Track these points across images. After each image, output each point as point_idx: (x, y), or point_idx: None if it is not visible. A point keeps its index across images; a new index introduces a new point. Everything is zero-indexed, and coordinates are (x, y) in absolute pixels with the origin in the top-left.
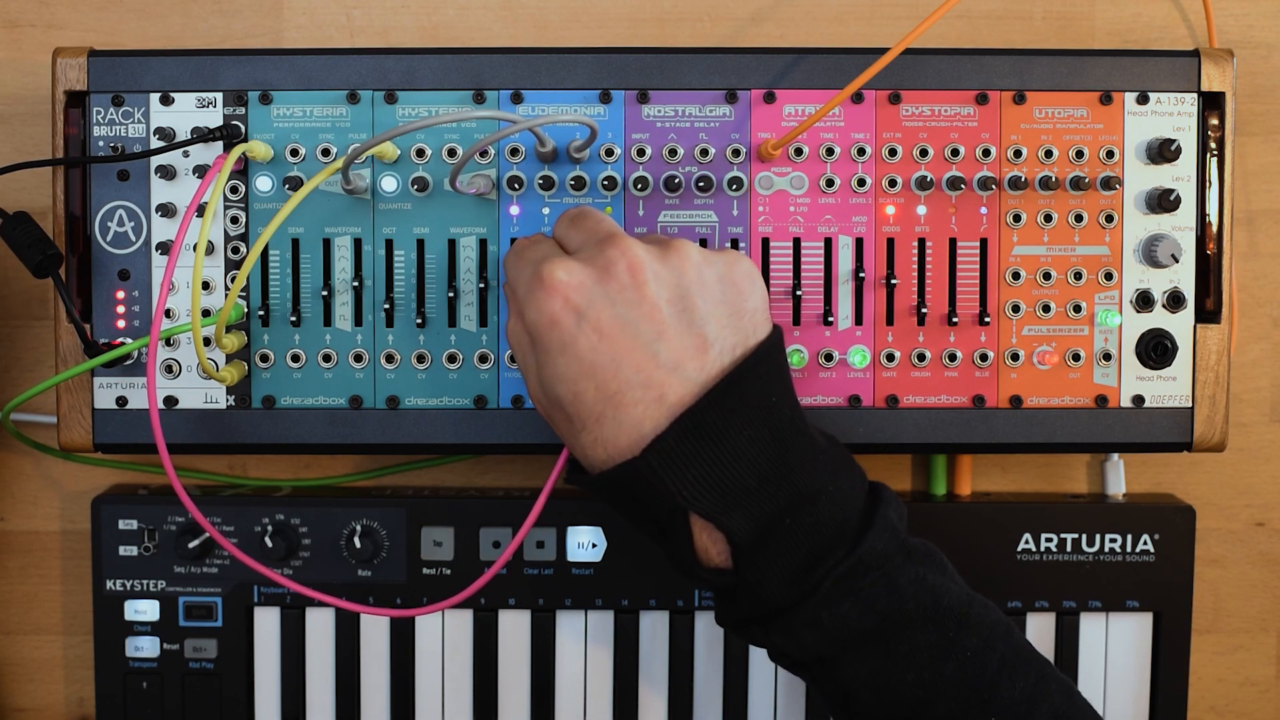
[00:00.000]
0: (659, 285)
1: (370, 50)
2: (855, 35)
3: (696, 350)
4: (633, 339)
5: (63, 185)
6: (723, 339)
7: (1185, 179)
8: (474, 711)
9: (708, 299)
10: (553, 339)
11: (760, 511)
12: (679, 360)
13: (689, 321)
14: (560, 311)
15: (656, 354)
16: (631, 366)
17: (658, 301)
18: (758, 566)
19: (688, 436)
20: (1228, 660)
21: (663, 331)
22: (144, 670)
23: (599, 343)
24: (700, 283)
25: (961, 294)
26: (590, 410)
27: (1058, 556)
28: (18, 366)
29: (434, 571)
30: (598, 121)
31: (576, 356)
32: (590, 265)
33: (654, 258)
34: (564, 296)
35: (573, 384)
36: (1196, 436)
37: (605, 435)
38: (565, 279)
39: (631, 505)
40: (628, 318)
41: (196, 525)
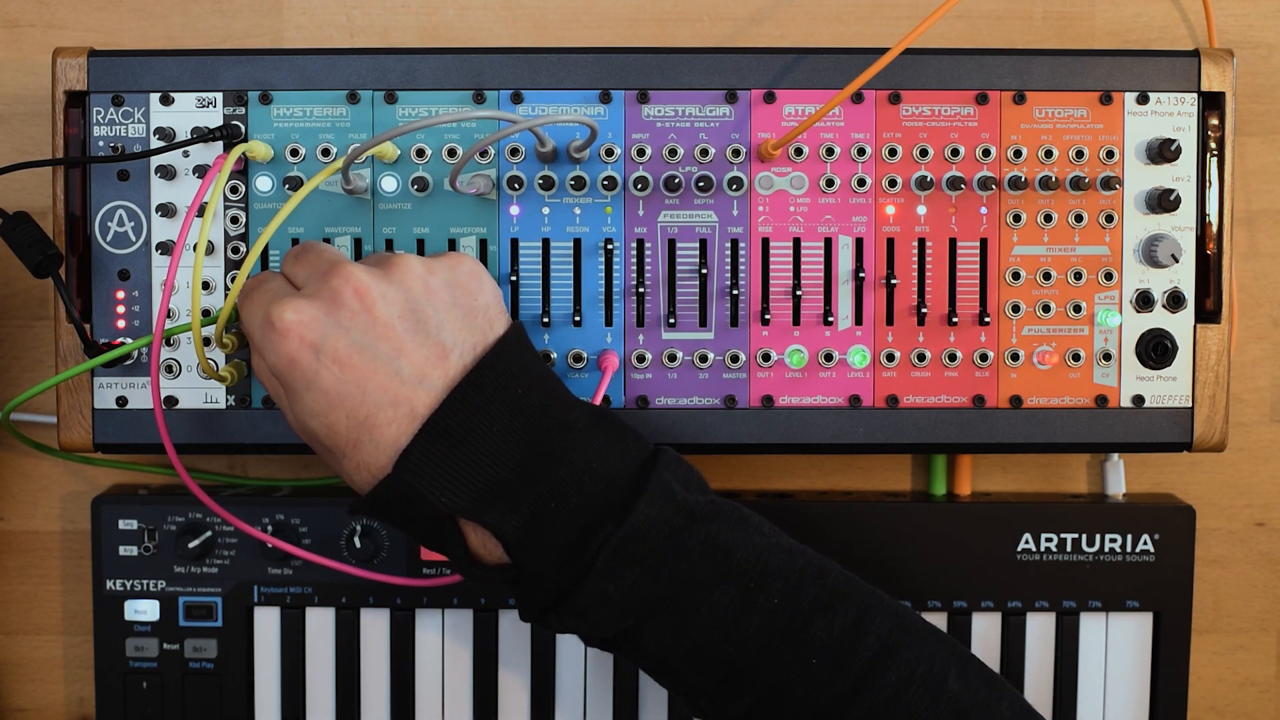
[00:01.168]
0: (388, 304)
1: (370, 50)
2: (855, 35)
3: (437, 359)
4: (373, 362)
5: (63, 185)
6: (460, 341)
7: (1185, 179)
8: (474, 711)
9: (438, 306)
10: (296, 378)
11: (521, 502)
12: (422, 372)
13: (424, 332)
14: (296, 350)
15: (399, 371)
16: (377, 389)
17: (390, 320)
18: (532, 555)
19: (434, 443)
20: (1228, 660)
21: (401, 348)
22: (144, 670)
23: (341, 373)
24: (428, 292)
25: (961, 294)
26: (346, 439)
27: (1058, 556)
28: (18, 366)
29: (434, 571)
30: (598, 121)
31: (322, 391)
32: (317, 299)
33: (378, 278)
34: (298, 336)
35: (324, 417)
36: (1196, 436)
37: (365, 459)
38: (295, 318)
39: (403, 520)
40: (364, 342)
41: (196, 525)
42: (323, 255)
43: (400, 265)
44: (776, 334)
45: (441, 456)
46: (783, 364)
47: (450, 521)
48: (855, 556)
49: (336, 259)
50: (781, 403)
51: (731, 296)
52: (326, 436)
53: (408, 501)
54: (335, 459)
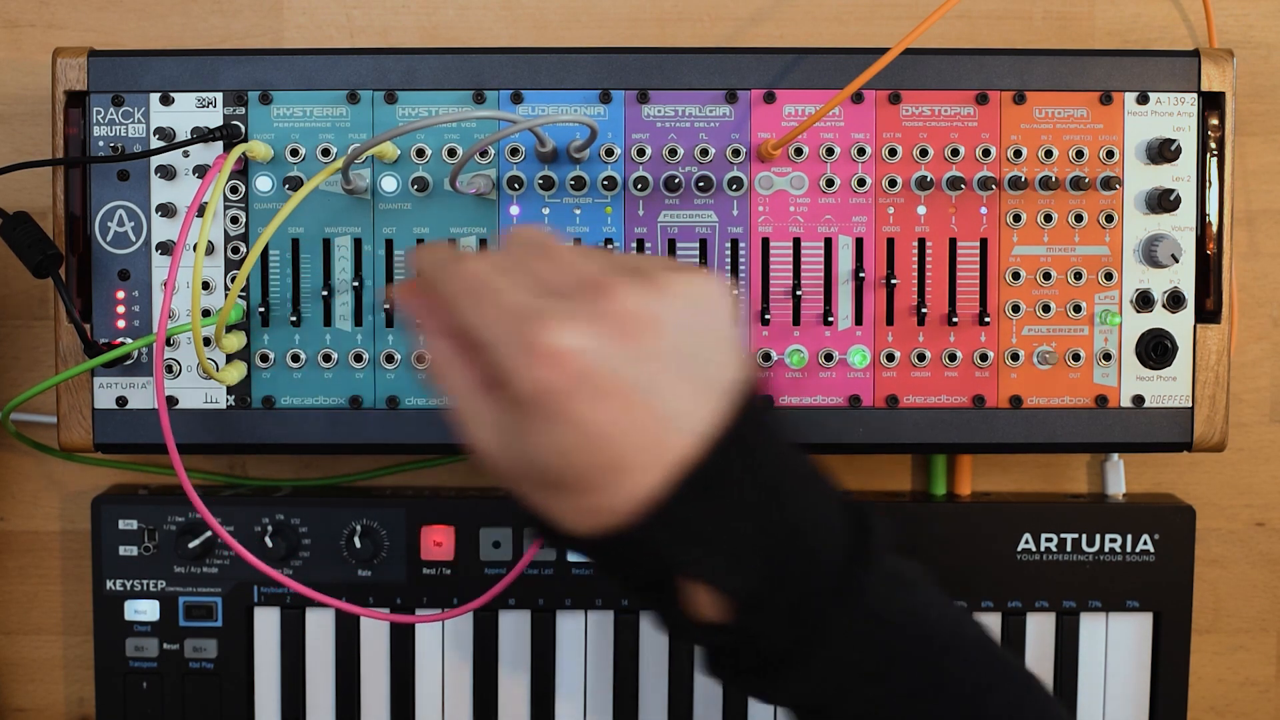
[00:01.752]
0: (658, 334)
1: (370, 50)
2: (855, 35)
3: (699, 399)
4: (638, 400)
5: (63, 185)
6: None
7: (1185, 179)
8: (474, 711)
9: (703, 339)
10: (549, 409)
11: (756, 561)
12: (684, 412)
13: (689, 368)
14: (560, 380)
15: (662, 412)
16: (637, 429)
17: (662, 353)
18: (756, 617)
19: (688, 497)
20: (1228, 660)
21: (667, 385)
22: (144, 670)
23: (604, 411)
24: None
25: (961, 294)
26: (588, 480)
27: (1058, 556)
28: (18, 366)
29: (434, 571)
30: (598, 121)
31: (576, 426)
32: (592, 323)
33: (652, 301)
34: (565, 365)
35: (569, 455)
36: (1196, 436)
37: (602, 503)
38: (569, 344)
39: (622, 566)
40: (634, 377)
41: (196, 525)
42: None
43: (668, 287)
44: (776, 334)
45: (692, 512)
46: (783, 364)
47: (673, 578)
48: None
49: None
50: (781, 403)
51: None
52: (562, 473)
53: (642, 553)
54: (558, 495)
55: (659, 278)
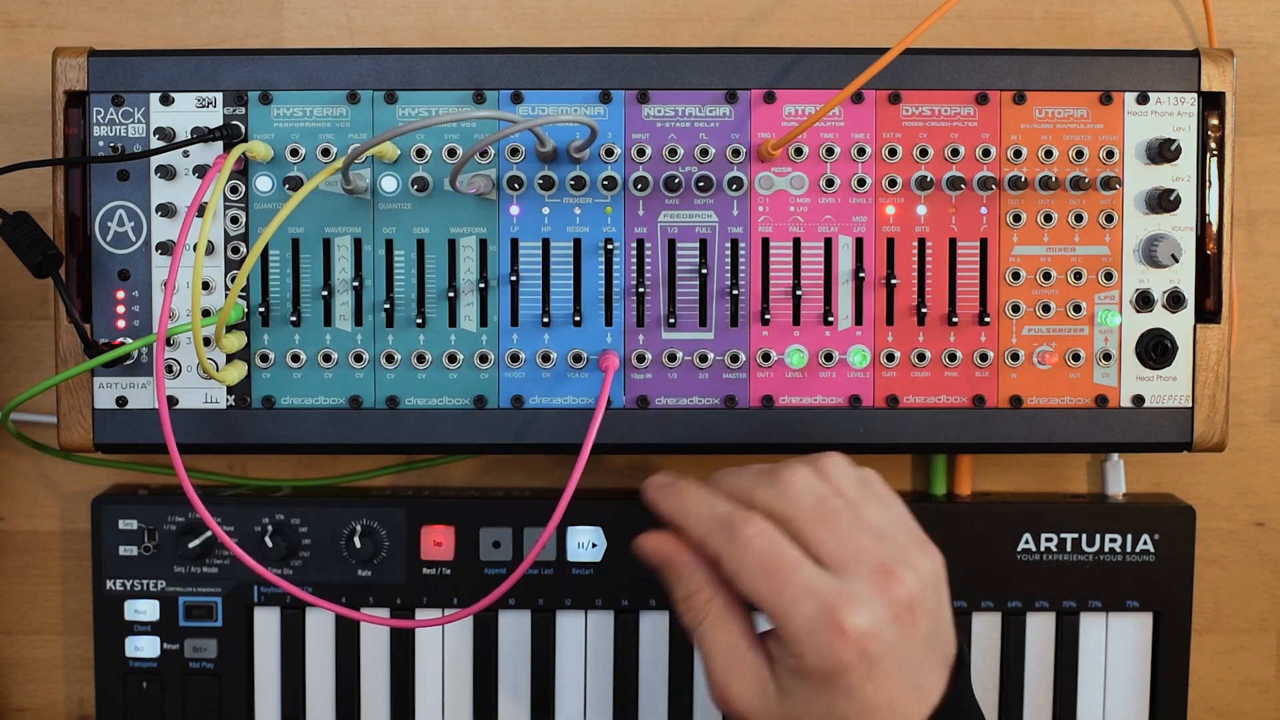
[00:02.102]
0: (925, 616)
1: (370, 50)
2: (855, 35)
3: (933, 669)
4: (905, 680)
5: (63, 185)
6: (944, 648)
7: (1185, 179)
8: (474, 712)
9: (936, 615)
10: (840, 684)
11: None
12: (929, 689)
13: (931, 643)
14: (856, 660)
15: (918, 688)
16: (902, 704)
17: (923, 635)
18: None
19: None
20: (1228, 660)
21: (923, 665)
22: (144, 670)
23: (884, 686)
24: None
25: (961, 294)
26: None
27: (1058, 556)
28: (18, 366)
29: (434, 571)
30: (598, 121)
31: (861, 701)
32: (885, 608)
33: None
34: (863, 647)
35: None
36: (1196, 436)
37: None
38: (868, 629)
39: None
40: (904, 658)
41: (196, 525)
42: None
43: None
44: (776, 334)
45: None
46: (783, 364)
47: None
48: None
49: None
50: (781, 403)
51: (731, 296)
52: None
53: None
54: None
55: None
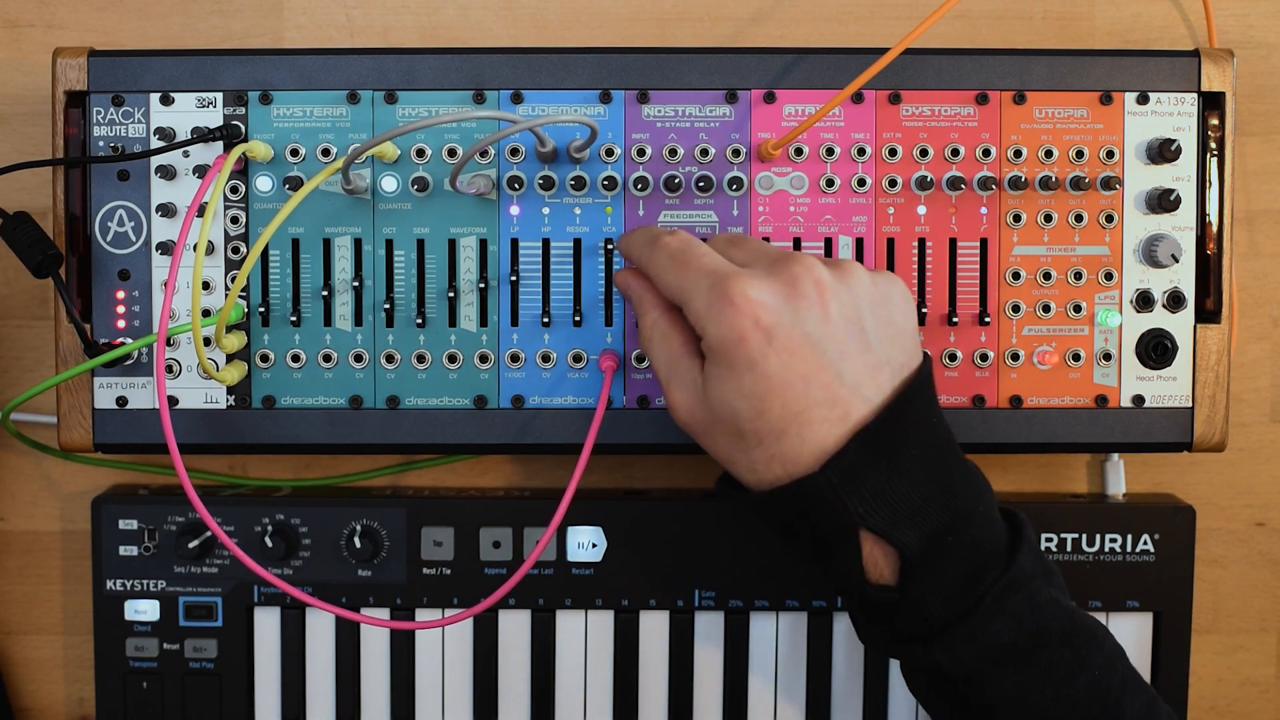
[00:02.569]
0: (840, 305)
1: (370, 50)
2: (855, 35)
3: (873, 370)
4: (820, 358)
5: (63, 185)
6: (893, 360)
7: (1185, 179)
8: (474, 712)
9: (879, 320)
10: (740, 355)
11: (927, 528)
12: (859, 380)
13: (866, 342)
14: (750, 329)
15: (841, 374)
16: (819, 385)
17: (841, 321)
18: (923, 583)
19: (865, 454)
20: (1228, 660)
21: (845, 351)
22: (144, 670)
23: (789, 361)
24: (873, 303)
25: (961, 294)
26: (772, 427)
27: (1058, 556)
28: (18, 366)
29: (434, 571)
30: (598, 121)
31: (765, 374)
32: (777, 281)
33: (833, 275)
34: (753, 315)
35: (759, 400)
36: (1196, 436)
37: (786, 451)
38: (755, 297)
39: (798, 521)
40: (816, 336)
41: (196, 525)
42: (767, 246)
43: (851, 270)
44: None
45: (869, 468)
46: None
47: (853, 532)
48: None
49: (787, 249)
50: None
51: None
52: (751, 420)
53: (823, 504)
54: (744, 445)
55: (839, 262)
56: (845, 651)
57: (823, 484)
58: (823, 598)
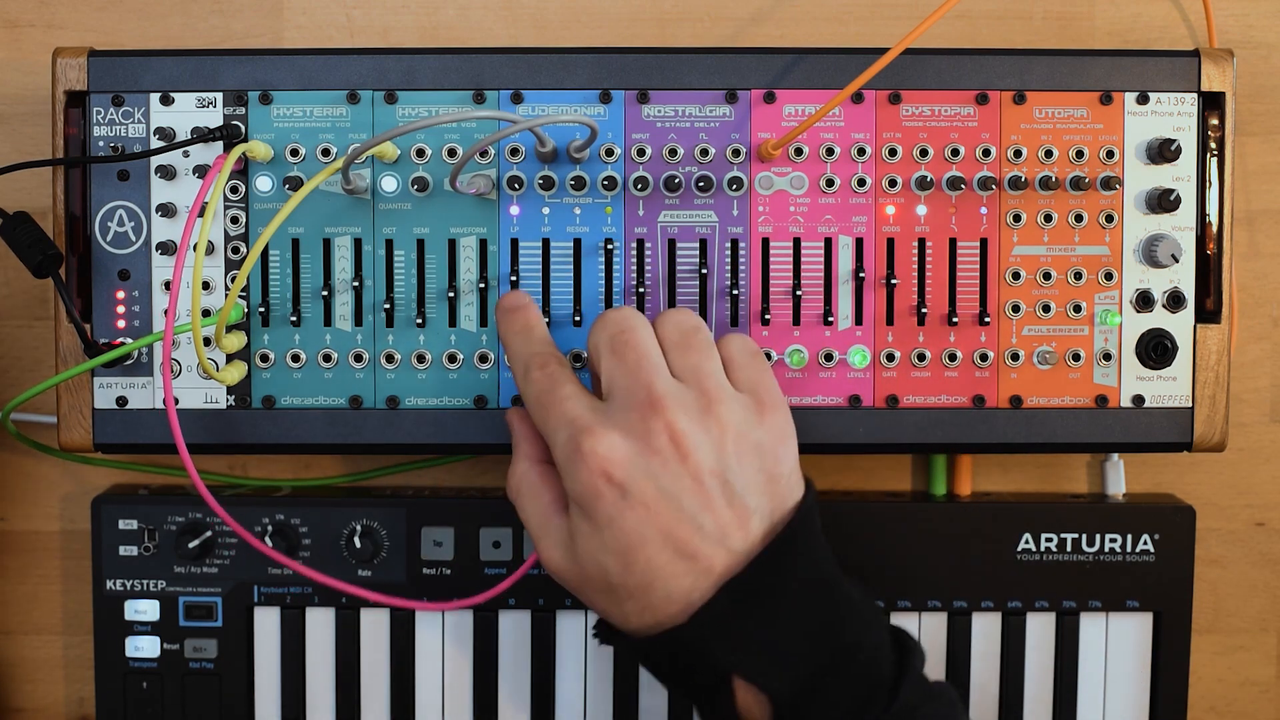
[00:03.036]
0: (701, 456)
1: (370, 50)
2: (855, 35)
3: (739, 521)
4: (678, 513)
5: (63, 185)
6: (761, 507)
7: (1185, 179)
8: (474, 711)
9: (746, 469)
10: (598, 511)
11: (805, 670)
12: (723, 532)
13: (731, 493)
14: (603, 486)
15: (701, 526)
16: (678, 539)
17: (700, 474)
18: None
19: (737, 604)
20: (1228, 660)
21: (707, 504)
22: (144, 670)
23: (645, 516)
24: (739, 453)
25: (961, 294)
26: (639, 581)
27: (1058, 556)
28: (18, 366)
29: (434, 571)
30: (598, 121)
31: (623, 531)
32: (630, 437)
33: (696, 425)
34: (605, 471)
35: (623, 555)
36: (1196, 436)
37: (653, 604)
38: (606, 455)
39: (674, 668)
40: (672, 492)
41: (197, 525)
42: (640, 371)
43: (720, 417)
44: (776, 334)
45: (741, 617)
46: (783, 364)
47: (726, 680)
48: (855, 556)
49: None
50: None
51: (731, 296)
52: (620, 574)
53: (694, 653)
54: (615, 598)
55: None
56: None
57: (691, 635)
58: None
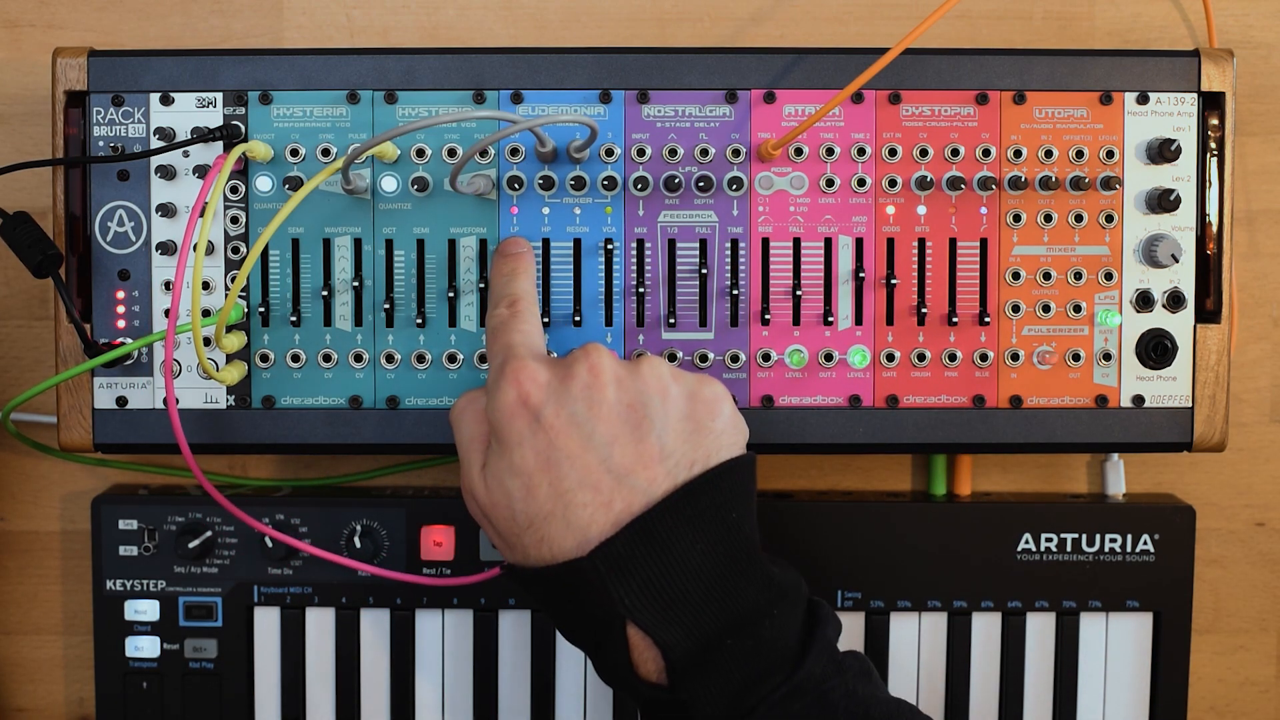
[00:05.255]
0: (619, 391)
1: (370, 50)
2: (855, 35)
3: (648, 461)
4: (585, 441)
5: (63, 185)
6: (679, 452)
7: (1185, 179)
8: (474, 711)
9: (669, 413)
10: (510, 432)
11: (701, 629)
12: (628, 468)
13: (643, 431)
14: (518, 408)
15: (607, 459)
16: (582, 467)
17: (614, 407)
18: (693, 686)
19: (636, 544)
20: (1228, 660)
21: (615, 437)
22: (144, 670)
23: (553, 440)
24: (663, 394)
25: (961, 294)
26: (540, 507)
27: (1058, 556)
28: (18, 366)
29: (434, 571)
30: (598, 121)
31: (533, 451)
32: (557, 366)
33: (620, 366)
34: (524, 394)
35: (527, 478)
36: (1196, 436)
37: (552, 533)
38: (529, 379)
39: (568, 608)
40: (582, 419)
41: (196, 525)
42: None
43: (647, 361)
44: (776, 334)
45: (640, 558)
46: (783, 364)
47: (620, 625)
48: (855, 556)
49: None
50: (781, 403)
51: (731, 296)
52: (523, 499)
53: (589, 591)
54: (516, 527)
55: (644, 357)
56: None
57: (588, 570)
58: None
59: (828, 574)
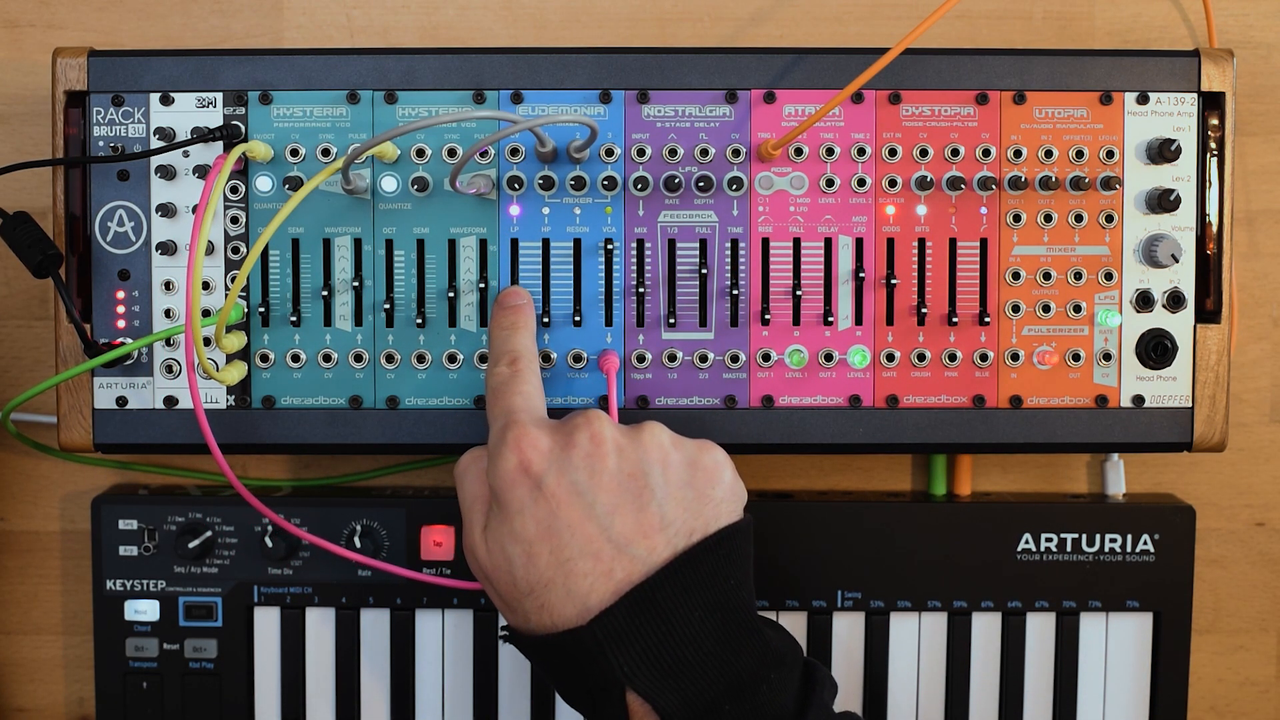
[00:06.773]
0: (620, 459)
1: (370, 50)
2: (855, 35)
3: (648, 530)
4: (586, 510)
5: (63, 185)
6: (679, 521)
7: (1185, 179)
8: (474, 711)
9: (670, 481)
10: (511, 499)
11: (701, 696)
12: (629, 538)
13: (644, 500)
14: (517, 474)
15: (608, 528)
16: (583, 537)
17: (615, 476)
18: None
19: (636, 613)
20: (1228, 660)
21: (616, 507)
22: (144, 670)
23: (554, 509)
24: (664, 463)
25: (961, 294)
26: (541, 575)
27: (1058, 556)
28: (18, 366)
29: (434, 571)
30: (598, 121)
31: (534, 520)
32: (556, 434)
33: (621, 433)
34: (525, 461)
35: (528, 546)
36: (1196, 436)
37: (553, 601)
38: (530, 445)
39: (568, 674)
40: (583, 488)
41: (196, 525)
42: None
43: (648, 429)
44: (776, 334)
45: (639, 627)
46: (783, 364)
47: (619, 691)
48: (855, 556)
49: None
50: (781, 403)
51: (731, 296)
52: (524, 566)
53: (589, 659)
54: (517, 593)
55: (644, 424)
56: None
57: (587, 639)
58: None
59: (828, 574)
